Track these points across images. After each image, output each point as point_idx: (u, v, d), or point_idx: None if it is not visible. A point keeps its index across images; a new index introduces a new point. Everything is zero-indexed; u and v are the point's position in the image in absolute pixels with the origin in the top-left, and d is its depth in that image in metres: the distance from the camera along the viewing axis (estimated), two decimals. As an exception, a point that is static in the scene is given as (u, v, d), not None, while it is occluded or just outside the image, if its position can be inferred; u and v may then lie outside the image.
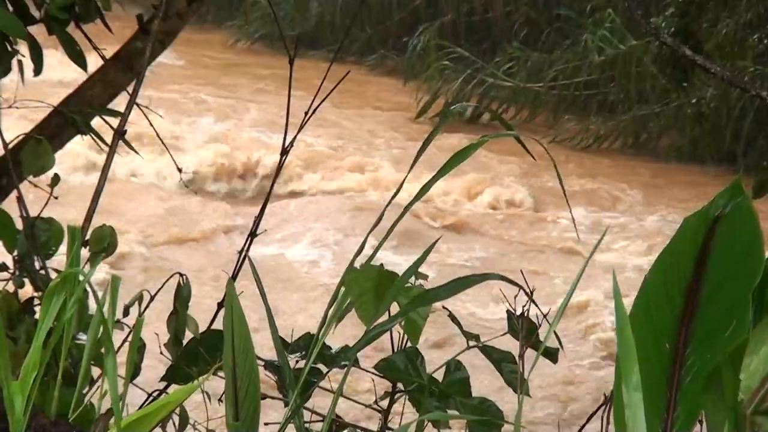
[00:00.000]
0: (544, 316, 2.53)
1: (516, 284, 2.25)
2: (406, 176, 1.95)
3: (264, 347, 2.23)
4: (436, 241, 2.18)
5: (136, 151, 3.42)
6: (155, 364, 2.71)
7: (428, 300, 2.06)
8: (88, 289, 2.02)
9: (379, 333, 1.95)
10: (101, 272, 6.88)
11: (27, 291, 2.69)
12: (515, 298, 2.51)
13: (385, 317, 2.09)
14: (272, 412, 2.40)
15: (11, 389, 1.63)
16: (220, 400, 2.07)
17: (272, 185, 3.31)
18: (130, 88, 3.24)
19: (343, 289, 2.04)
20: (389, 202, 1.94)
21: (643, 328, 1.70)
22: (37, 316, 2.47)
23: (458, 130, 13.30)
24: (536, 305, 2.48)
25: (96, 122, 3.26)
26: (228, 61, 18.27)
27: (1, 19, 2.51)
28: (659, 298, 1.78)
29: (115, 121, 3.18)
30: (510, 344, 2.62)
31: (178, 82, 15.79)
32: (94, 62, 3.30)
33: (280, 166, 3.22)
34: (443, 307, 2.52)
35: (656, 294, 1.78)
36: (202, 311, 2.83)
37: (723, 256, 1.76)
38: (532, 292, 2.47)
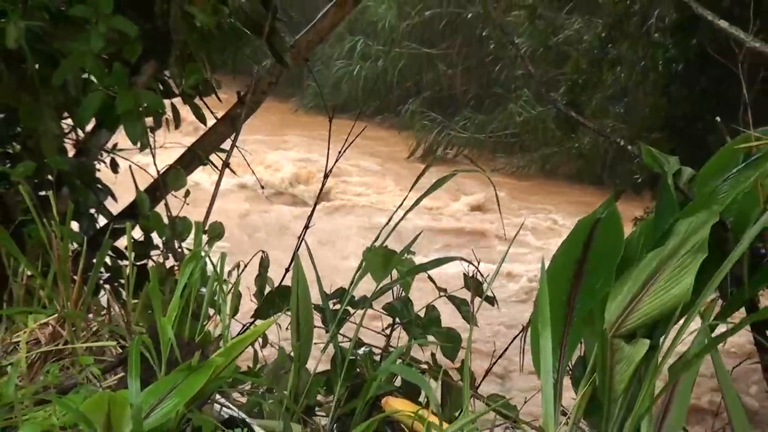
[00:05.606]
0: (484, 279, 2.49)
1: (470, 262, 2.24)
2: (407, 195, 1.94)
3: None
4: (420, 233, 2.16)
5: (235, 173, 3.43)
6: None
7: (418, 270, 2.05)
8: (207, 260, 2.02)
9: (386, 289, 1.95)
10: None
11: (170, 262, 2.69)
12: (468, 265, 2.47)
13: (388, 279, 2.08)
14: (319, 336, 2.39)
15: (162, 323, 1.63)
16: (287, 328, 2.07)
17: (318, 195, 3.33)
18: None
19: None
20: (395, 212, 1.94)
21: (551, 285, 1.70)
22: (176, 277, 2.47)
23: (434, 164, 13.29)
24: (480, 273, 2.45)
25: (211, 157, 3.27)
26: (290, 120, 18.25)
27: (150, 99, 2.55)
28: (561, 267, 1.78)
29: (223, 156, 3.19)
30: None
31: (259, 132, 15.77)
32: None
33: (322, 186, 3.24)
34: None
35: (559, 264, 1.79)
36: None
37: (599, 243, 1.77)
38: (478, 263, 2.46)
